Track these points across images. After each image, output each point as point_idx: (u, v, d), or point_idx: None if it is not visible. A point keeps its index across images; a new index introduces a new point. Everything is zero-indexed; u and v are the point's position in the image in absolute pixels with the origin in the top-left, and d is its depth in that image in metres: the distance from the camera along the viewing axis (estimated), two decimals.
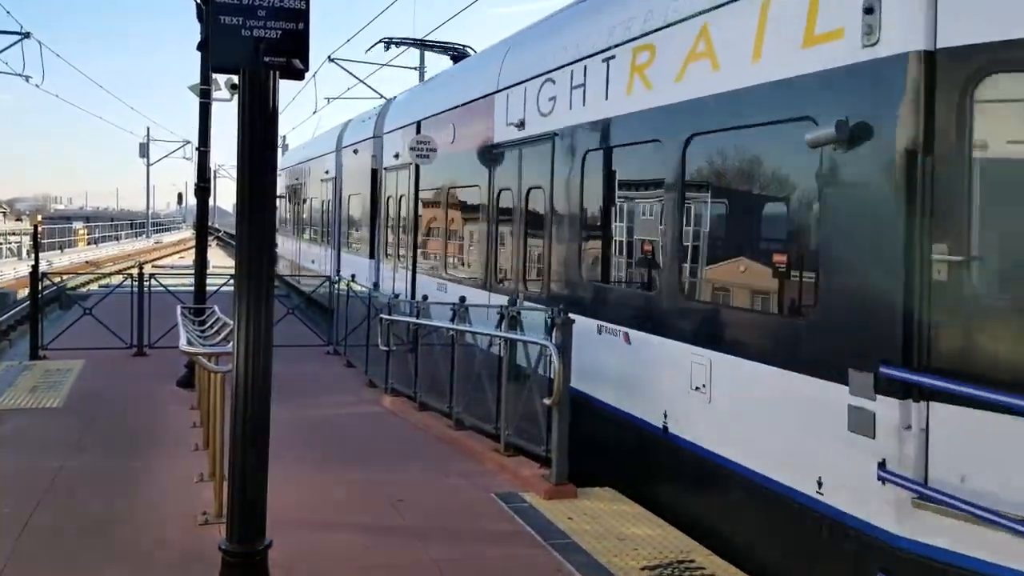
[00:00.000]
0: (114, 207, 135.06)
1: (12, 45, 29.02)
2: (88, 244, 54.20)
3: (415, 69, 27.77)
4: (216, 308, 10.14)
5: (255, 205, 4.45)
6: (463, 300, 9.88)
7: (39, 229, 19.48)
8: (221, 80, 12.02)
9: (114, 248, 55.45)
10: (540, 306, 8.45)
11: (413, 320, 10.82)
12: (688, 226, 6.81)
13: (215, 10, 4.31)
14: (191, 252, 15.55)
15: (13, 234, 47.87)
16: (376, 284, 15.61)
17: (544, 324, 7.61)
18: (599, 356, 7.74)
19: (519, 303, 9.05)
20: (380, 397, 11.38)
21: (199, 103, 11.93)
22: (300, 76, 4.45)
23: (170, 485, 7.34)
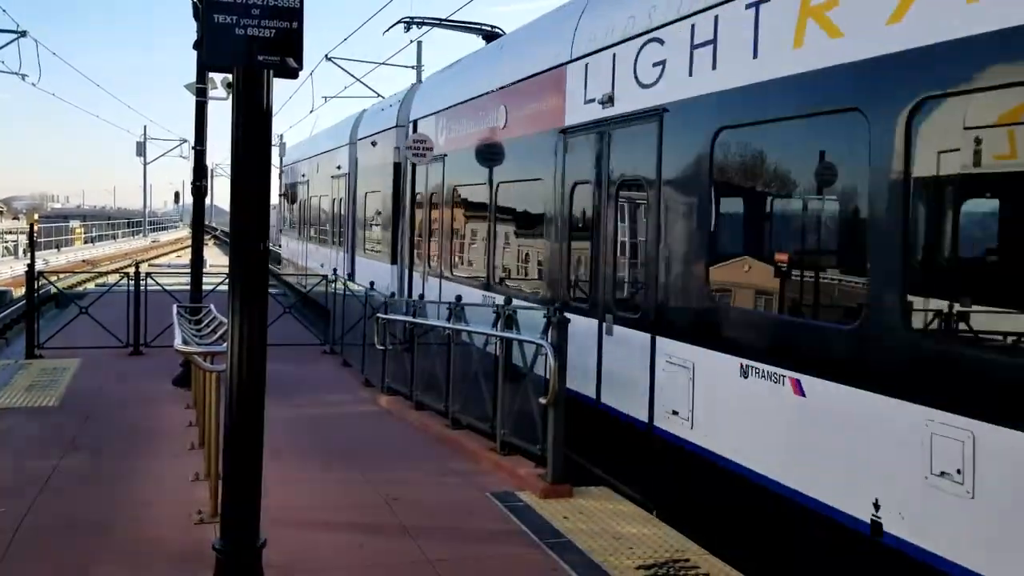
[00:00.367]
0: (111, 206, 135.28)
1: (8, 43, 28.90)
2: (85, 243, 54.10)
3: (413, 68, 27.78)
4: (212, 307, 10.11)
5: (249, 203, 4.45)
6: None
7: (36, 228, 19.46)
8: (217, 79, 11.99)
9: (111, 247, 55.35)
10: (638, 330, 7.27)
11: (409, 319, 10.80)
12: (904, 229, 4.73)
13: (209, 8, 4.30)
14: (188, 251, 15.51)
15: (10, 233, 47.72)
16: (399, 292, 14.22)
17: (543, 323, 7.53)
18: (746, 410, 5.94)
19: (607, 326, 7.79)
20: (376, 396, 11.37)
21: (195, 102, 11.93)
22: (294, 75, 4.45)
23: (166, 484, 7.33)
